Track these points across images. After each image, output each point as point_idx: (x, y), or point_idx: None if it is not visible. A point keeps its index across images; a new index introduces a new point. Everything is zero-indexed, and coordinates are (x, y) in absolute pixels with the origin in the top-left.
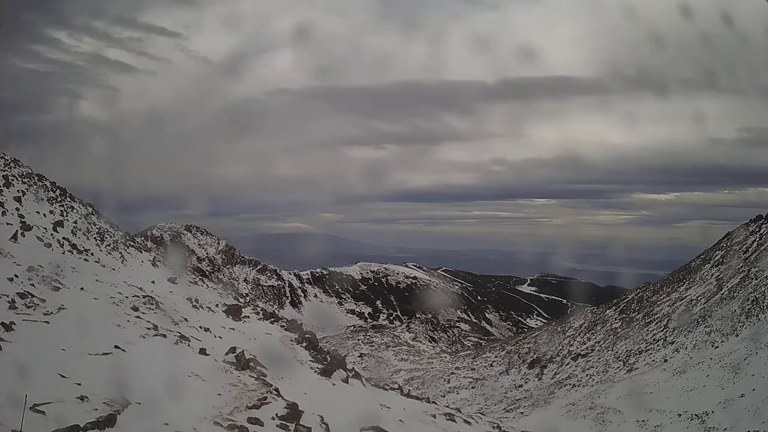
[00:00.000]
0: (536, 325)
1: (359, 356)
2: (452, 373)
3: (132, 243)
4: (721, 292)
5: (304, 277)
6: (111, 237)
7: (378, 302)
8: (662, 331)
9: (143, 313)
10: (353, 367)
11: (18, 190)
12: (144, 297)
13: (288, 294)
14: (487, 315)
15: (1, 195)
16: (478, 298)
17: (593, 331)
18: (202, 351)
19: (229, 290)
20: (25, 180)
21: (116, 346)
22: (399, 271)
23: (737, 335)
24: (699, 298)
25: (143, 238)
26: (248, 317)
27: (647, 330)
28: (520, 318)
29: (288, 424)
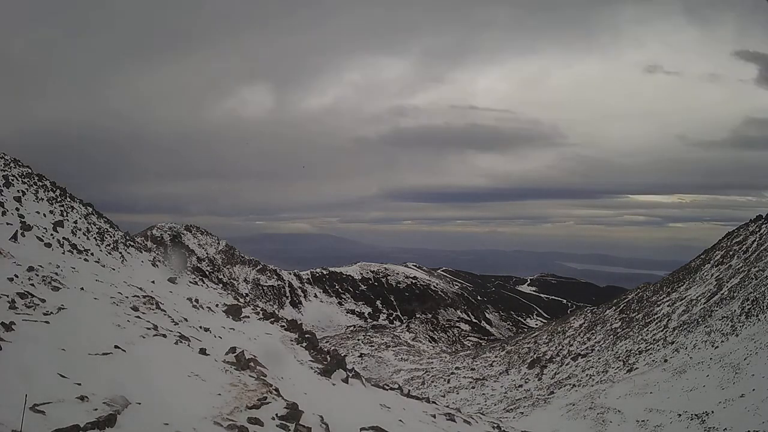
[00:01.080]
0: (536, 325)
1: (359, 356)
2: (452, 373)
3: (132, 243)
4: (721, 292)
5: (304, 277)
6: (111, 237)
7: (378, 302)
8: (662, 331)
9: (143, 313)
10: (353, 367)
11: (18, 190)
12: (144, 297)
13: (288, 294)
14: (487, 315)
15: (1, 195)
16: (478, 298)
17: (593, 331)
18: (202, 351)
19: (229, 290)
20: (25, 180)
21: (116, 346)
22: (399, 271)
23: (737, 335)
24: (699, 298)
25: (143, 238)
26: (248, 317)
27: (647, 330)
28: (520, 318)
29: (288, 424)
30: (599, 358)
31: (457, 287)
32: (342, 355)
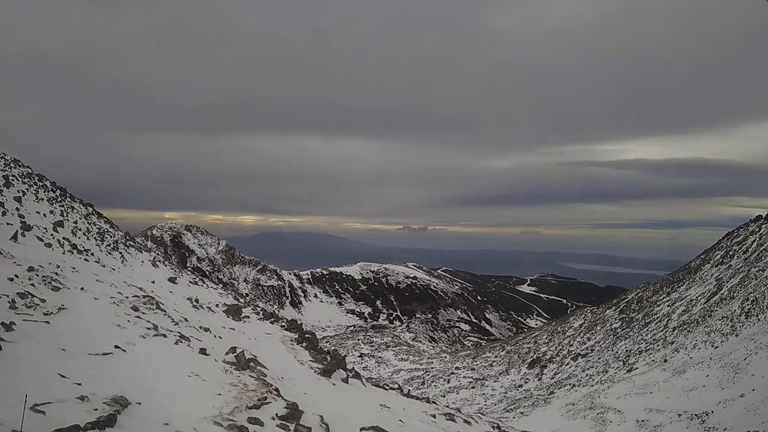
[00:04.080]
0: (536, 325)
1: (359, 356)
2: (452, 373)
3: (132, 243)
4: (721, 292)
5: (304, 277)
6: (111, 237)
7: (378, 302)
8: (662, 331)
9: (143, 313)
10: (353, 367)
11: (18, 190)
12: (144, 297)
13: (288, 294)
14: (487, 315)
15: (1, 195)
16: (478, 298)
17: (593, 331)
18: (202, 351)
19: (229, 290)
20: (25, 180)
21: (116, 346)
22: (399, 271)
23: (737, 335)
24: (699, 298)
25: (143, 238)
26: (248, 317)
27: (647, 330)
28: (520, 318)
29: (288, 424)
30: (599, 358)
31: (457, 287)
32: (342, 355)
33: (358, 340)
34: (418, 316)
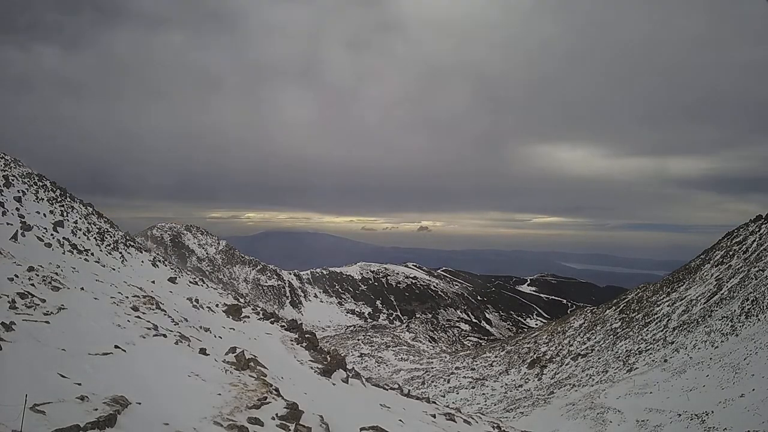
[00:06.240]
0: (536, 325)
1: (359, 356)
2: (452, 373)
3: (132, 243)
4: (721, 292)
5: (304, 277)
6: (111, 237)
7: (378, 302)
8: (662, 331)
9: (143, 313)
10: (353, 367)
11: (18, 190)
12: (144, 297)
13: (288, 294)
14: (487, 315)
15: (1, 195)
16: (478, 298)
17: (593, 331)
18: (202, 351)
19: (229, 290)
20: (25, 180)
21: (116, 346)
22: (399, 271)
23: (737, 335)
24: (699, 298)
25: (143, 238)
26: (248, 317)
27: (647, 330)
28: (520, 318)
29: (288, 424)
30: (599, 358)
31: (457, 287)
32: (342, 355)
33: (358, 340)
34: (418, 316)
